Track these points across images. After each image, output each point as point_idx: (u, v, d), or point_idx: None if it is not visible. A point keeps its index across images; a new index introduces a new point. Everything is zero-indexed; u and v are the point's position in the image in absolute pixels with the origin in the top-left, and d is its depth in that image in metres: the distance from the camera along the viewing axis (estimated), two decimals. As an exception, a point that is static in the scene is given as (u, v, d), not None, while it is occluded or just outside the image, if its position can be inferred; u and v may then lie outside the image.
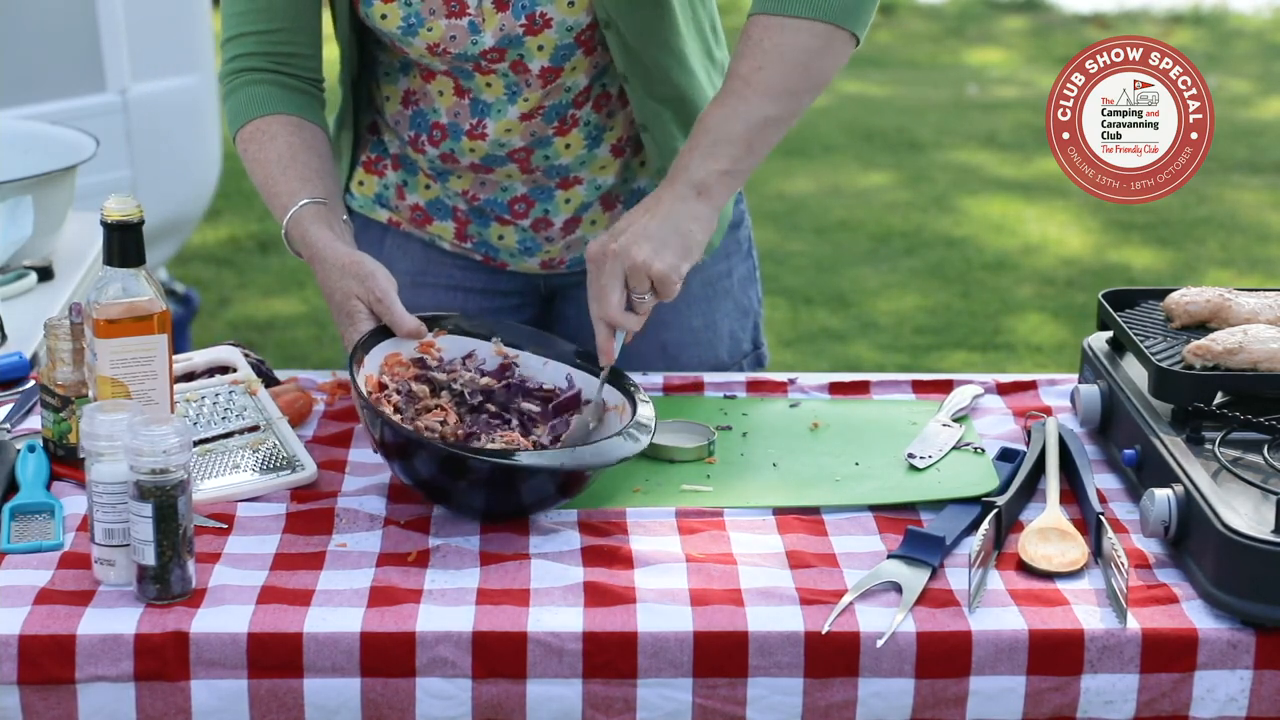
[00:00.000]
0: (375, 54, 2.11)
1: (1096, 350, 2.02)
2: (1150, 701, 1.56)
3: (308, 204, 1.96)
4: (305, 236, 1.95)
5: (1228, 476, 1.68)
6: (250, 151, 2.04)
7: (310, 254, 1.95)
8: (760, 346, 2.34)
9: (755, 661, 1.55)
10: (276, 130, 2.02)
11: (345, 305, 1.89)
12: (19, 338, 2.23)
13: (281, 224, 1.98)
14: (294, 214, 1.96)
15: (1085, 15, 10.21)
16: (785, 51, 1.88)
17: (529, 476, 1.71)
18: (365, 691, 1.54)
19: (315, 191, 1.98)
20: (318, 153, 2.03)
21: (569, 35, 1.99)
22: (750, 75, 1.88)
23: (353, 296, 1.89)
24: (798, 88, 1.91)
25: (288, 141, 2.02)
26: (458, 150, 2.10)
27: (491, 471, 1.69)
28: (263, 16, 2.04)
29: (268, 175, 2.01)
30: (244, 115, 2.05)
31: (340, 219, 1.99)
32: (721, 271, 2.26)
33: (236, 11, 2.06)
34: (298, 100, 2.06)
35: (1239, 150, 7.17)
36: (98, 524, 1.60)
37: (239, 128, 2.05)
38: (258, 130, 2.03)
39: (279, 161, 2.00)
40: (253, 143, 2.03)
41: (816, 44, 1.89)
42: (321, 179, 2.00)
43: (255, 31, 2.05)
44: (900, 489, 1.84)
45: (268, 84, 2.05)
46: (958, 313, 5.42)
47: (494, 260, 2.21)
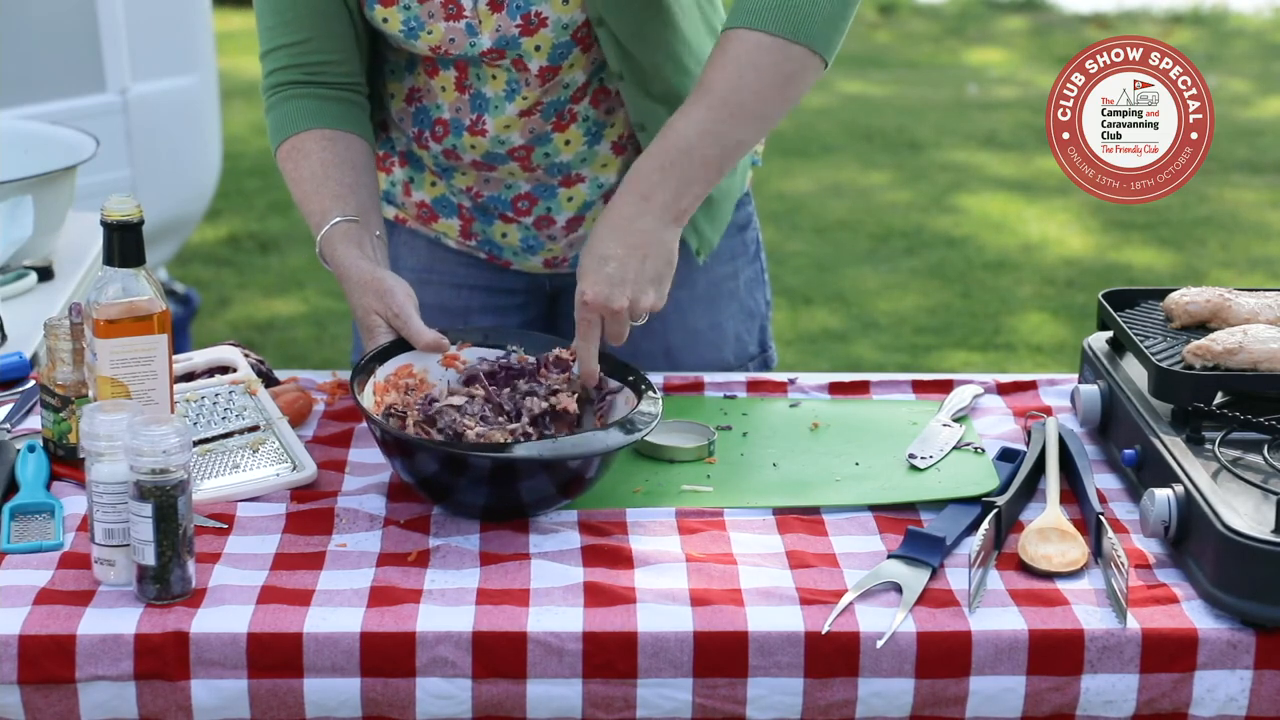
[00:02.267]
0: (385, 53, 2.12)
1: (1096, 350, 2.02)
2: (1150, 701, 1.56)
3: (339, 222, 1.97)
4: (334, 255, 1.97)
5: (1228, 476, 1.68)
6: (287, 170, 2.05)
7: (339, 273, 1.97)
8: (768, 350, 2.34)
9: (755, 661, 1.55)
10: (310, 147, 2.03)
11: (366, 320, 1.91)
12: (19, 338, 2.23)
13: (315, 241, 2.00)
14: (325, 233, 1.98)
15: (1085, 15, 10.21)
16: (759, 71, 1.87)
17: (524, 468, 1.70)
18: (365, 691, 1.54)
19: (347, 209, 1.99)
20: (352, 165, 2.04)
21: (565, 33, 2.00)
22: (728, 95, 1.87)
23: (372, 312, 1.90)
24: (772, 112, 1.91)
25: (321, 158, 2.03)
26: (459, 147, 2.10)
27: (488, 464, 1.69)
28: (291, 29, 2.05)
29: (303, 193, 2.03)
30: (281, 133, 2.06)
31: (372, 234, 2.00)
32: (728, 273, 2.27)
33: (267, 26, 2.08)
34: (333, 110, 2.06)
35: (1239, 150, 7.17)
36: (98, 524, 1.60)
37: (278, 145, 2.07)
38: (293, 148, 2.04)
39: (313, 179, 2.02)
40: (289, 161, 2.05)
41: (792, 68, 1.88)
42: (355, 194, 2.01)
43: (286, 44, 2.06)
44: (900, 489, 1.84)
45: (303, 97, 2.06)
46: (958, 313, 5.42)
47: (498, 258, 2.22)
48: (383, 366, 1.86)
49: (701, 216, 2.17)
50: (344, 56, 2.06)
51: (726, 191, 2.22)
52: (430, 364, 1.91)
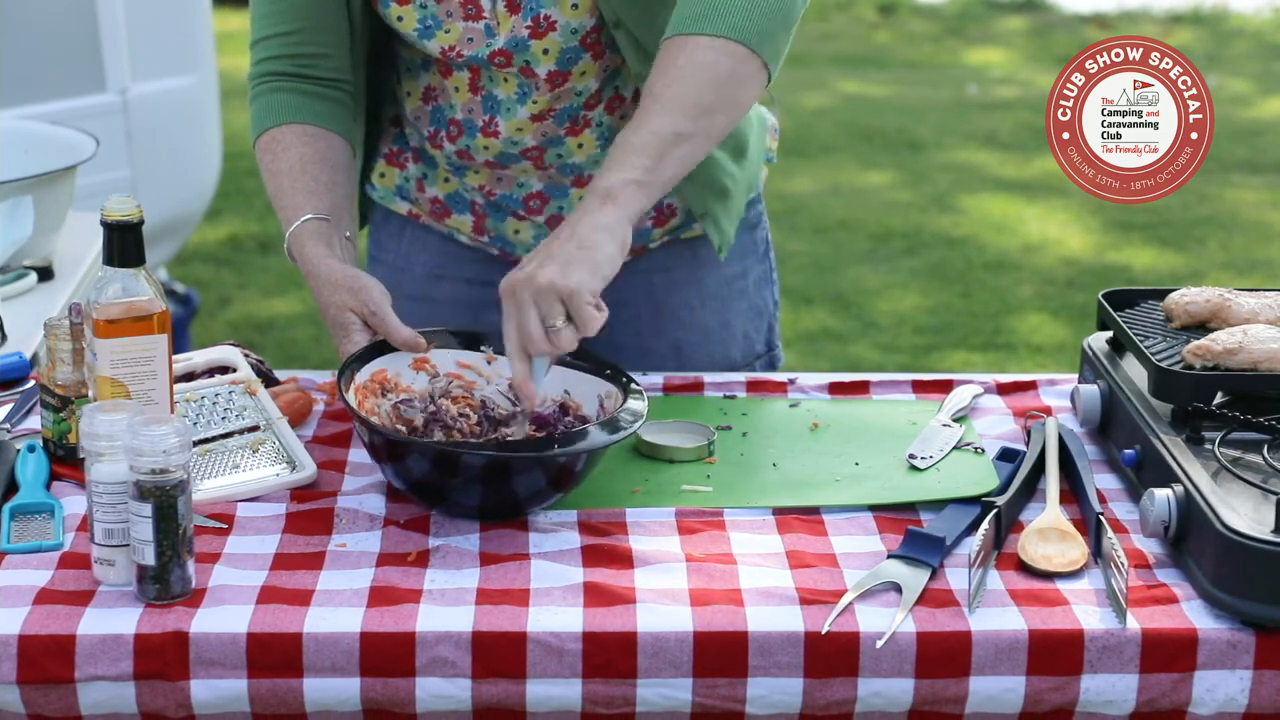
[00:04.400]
0: (399, 51, 2.12)
1: (1096, 350, 2.02)
2: (1150, 701, 1.56)
3: (309, 219, 1.97)
4: (302, 252, 1.96)
5: (1228, 476, 1.68)
6: (265, 162, 2.05)
7: (306, 269, 1.96)
8: (775, 348, 2.34)
9: (755, 661, 1.55)
10: (290, 141, 2.03)
11: (339, 318, 1.89)
12: (19, 338, 2.23)
13: (285, 238, 2.00)
14: (295, 229, 1.98)
15: (1085, 15, 10.22)
16: (696, 68, 1.86)
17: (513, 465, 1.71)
18: (365, 691, 1.54)
19: (319, 207, 1.99)
20: (330, 163, 2.04)
21: (574, 39, 1.99)
22: (661, 92, 1.85)
23: (346, 309, 1.89)
24: (708, 104, 1.86)
25: (300, 153, 2.02)
26: (473, 147, 2.10)
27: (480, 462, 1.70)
28: (285, 17, 2.05)
29: (278, 187, 2.02)
30: (262, 124, 2.06)
31: (342, 235, 1.99)
32: (737, 272, 2.27)
33: (262, 14, 2.08)
34: (317, 107, 2.06)
35: (1239, 150, 7.17)
36: (98, 524, 1.60)
37: (258, 136, 2.07)
38: (273, 140, 2.04)
39: (289, 173, 2.02)
40: (267, 153, 2.05)
41: (727, 62, 1.86)
42: (330, 192, 2.01)
43: (279, 33, 2.06)
44: (900, 489, 1.84)
45: (288, 91, 2.06)
46: (958, 313, 5.42)
47: (510, 255, 2.22)
48: (360, 372, 1.84)
49: (721, 211, 2.16)
50: (335, 51, 2.06)
51: (744, 184, 2.21)
52: (403, 368, 1.89)
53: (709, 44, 1.86)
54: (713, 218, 2.15)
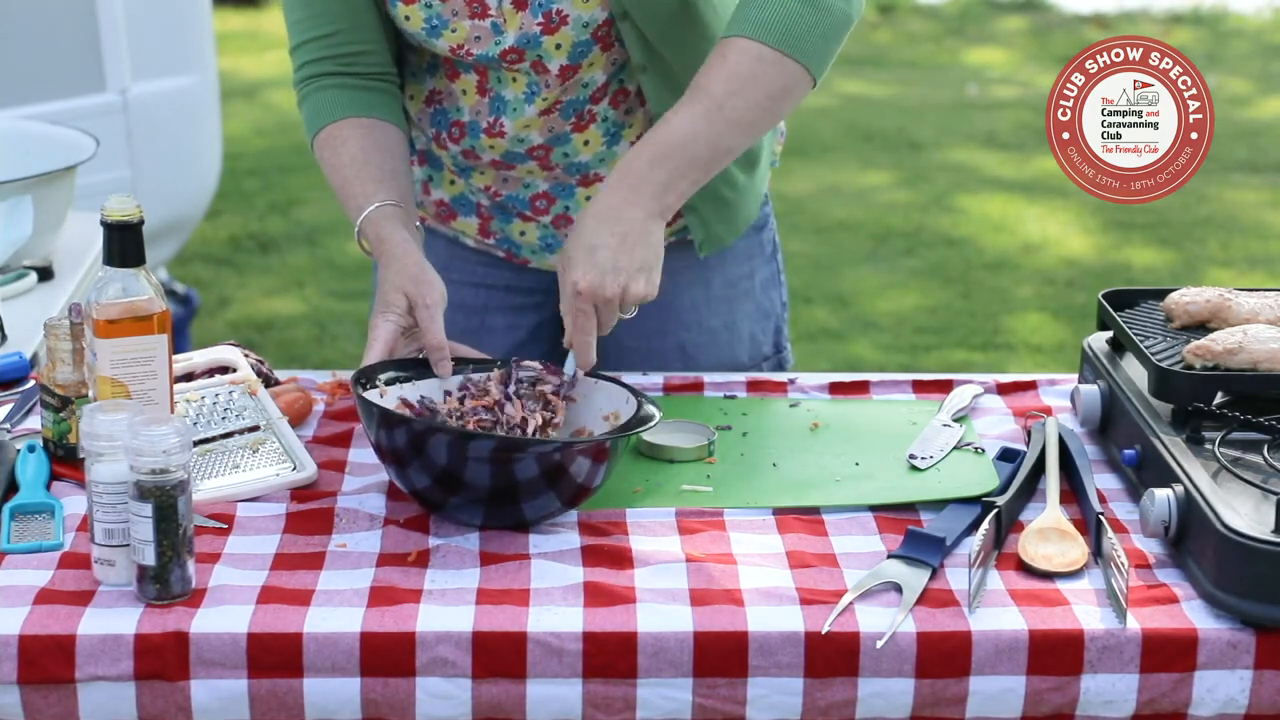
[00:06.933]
0: (406, 55, 2.12)
1: (1096, 350, 2.02)
2: (1150, 701, 1.56)
3: (384, 204, 1.97)
4: (380, 234, 1.95)
5: (1228, 476, 1.68)
6: (325, 158, 2.05)
7: (384, 250, 1.94)
8: (783, 350, 2.34)
9: (755, 661, 1.55)
10: (349, 134, 2.03)
11: (389, 296, 1.89)
12: (19, 338, 2.23)
13: (355, 223, 1.98)
14: (369, 214, 1.96)
15: (1085, 15, 10.22)
16: (760, 84, 1.88)
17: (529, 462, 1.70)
18: (365, 691, 1.54)
19: (390, 194, 1.98)
20: (391, 153, 2.04)
21: (585, 32, 2.00)
22: (725, 100, 1.87)
23: (400, 291, 1.88)
24: (762, 123, 1.91)
25: (360, 145, 2.02)
26: (478, 147, 2.10)
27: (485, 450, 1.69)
28: (320, 21, 2.05)
29: (343, 179, 2.02)
30: (317, 122, 2.06)
31: (414, 223, 1.99)
32: (744, 273, 2.27)
33: (296, 20, 2.08)
34: (368, 99, 2.06)
35: (1239, 150, 7.17)
36: (98, 524, 1.60)
37: (314, 134, 2.06)
38: (330, 136, 2.04)
39: (352, 164, 2.01)
40: (326, 149, 2.04)
41: (786, 82, 1.89)
42: (395, 180, 2.01)
43: (317, 37, 2.06)
44: (900, 489, 1.84)
45: (336, 88, 2.05)
46: (958, 313, 5.42)
47: (516, 256, 2.22)
48: (382, 397, 1.83)
49: (710, 212, 2.16)
50: (375, 47, 2.06)
51: (744, 192, 2.21)
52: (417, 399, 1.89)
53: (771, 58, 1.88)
54: (700, 218, 2.16)
